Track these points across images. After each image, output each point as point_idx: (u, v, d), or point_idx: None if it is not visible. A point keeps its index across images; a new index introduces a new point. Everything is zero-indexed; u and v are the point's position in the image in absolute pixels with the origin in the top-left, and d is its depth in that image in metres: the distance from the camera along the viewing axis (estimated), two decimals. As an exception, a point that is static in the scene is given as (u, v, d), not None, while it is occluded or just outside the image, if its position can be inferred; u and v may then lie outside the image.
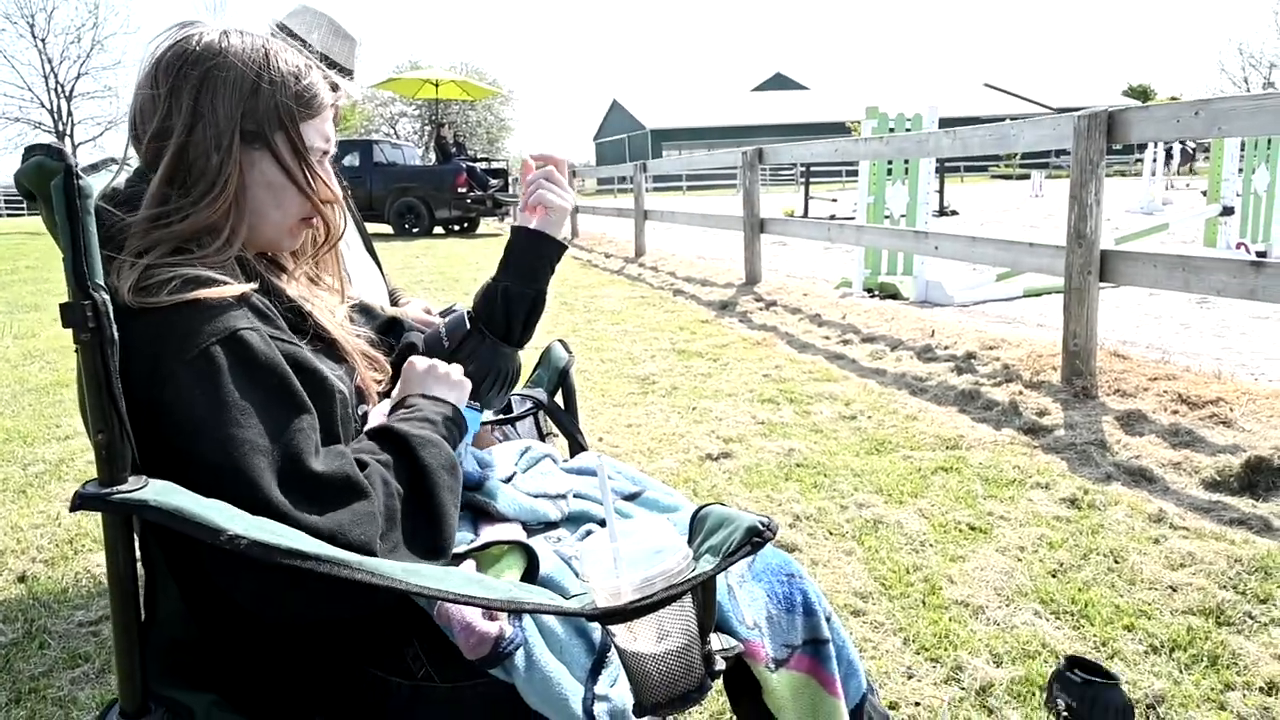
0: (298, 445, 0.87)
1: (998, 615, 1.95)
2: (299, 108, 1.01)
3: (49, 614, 2.08)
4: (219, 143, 0.95)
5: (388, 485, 0.92)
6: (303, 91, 1.01)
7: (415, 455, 0.95)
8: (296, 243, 1.09)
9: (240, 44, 0.99)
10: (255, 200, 1.00)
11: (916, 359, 4.32)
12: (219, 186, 0.95)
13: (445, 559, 0.94)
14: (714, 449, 3.15)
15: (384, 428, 1.00)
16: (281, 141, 0.99)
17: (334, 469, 0.88)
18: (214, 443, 0.83)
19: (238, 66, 0.97)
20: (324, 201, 1.06)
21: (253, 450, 0.84)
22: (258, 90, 0.97)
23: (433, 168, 16.87)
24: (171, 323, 0.86)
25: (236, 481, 0.82)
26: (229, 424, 0.84)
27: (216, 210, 0.95)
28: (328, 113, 1.06)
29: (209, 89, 0.95)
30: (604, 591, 0.78)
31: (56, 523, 2.64)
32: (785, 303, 6.15)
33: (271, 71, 0.98)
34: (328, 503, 0.86)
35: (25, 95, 36.34)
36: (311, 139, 1.03)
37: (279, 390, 0.89)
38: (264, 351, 0.89)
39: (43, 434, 3.61)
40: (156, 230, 0.92)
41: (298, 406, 0.89)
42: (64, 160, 0.75)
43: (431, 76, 18.94)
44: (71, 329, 0.76)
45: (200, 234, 0.95)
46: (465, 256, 11.56)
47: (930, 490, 2.70)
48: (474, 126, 46.33)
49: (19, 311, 7.07)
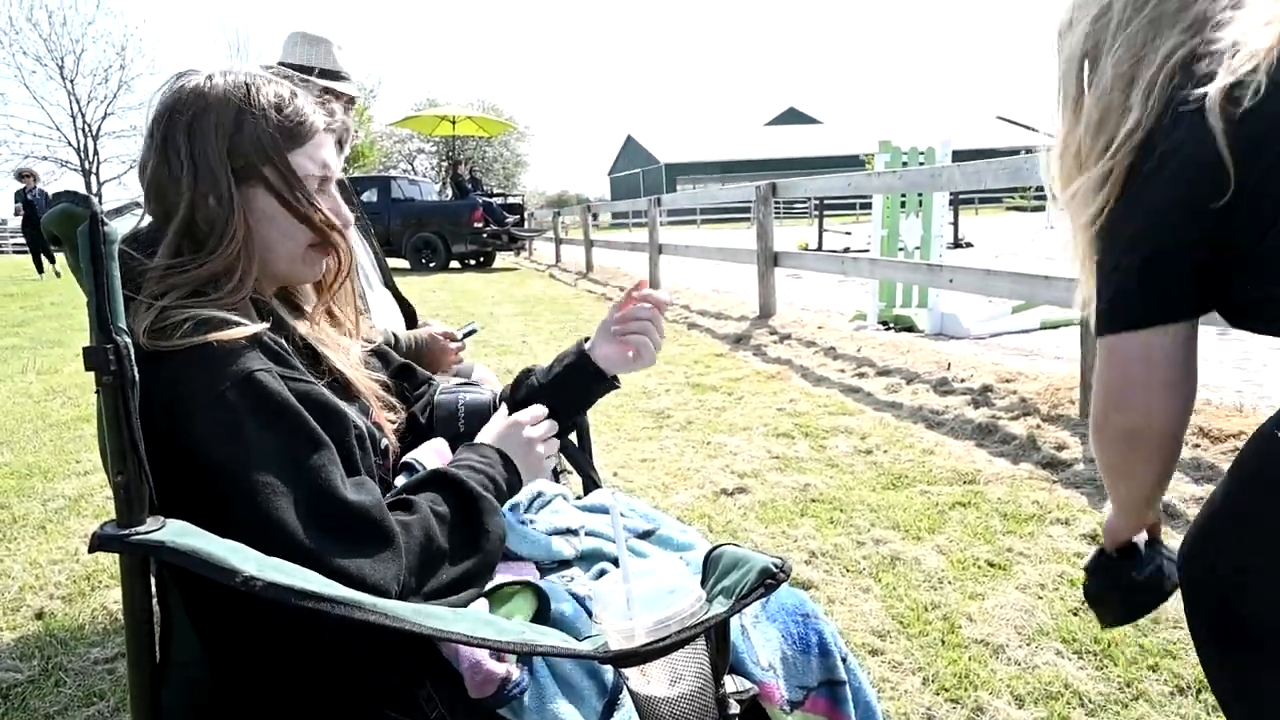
0: (321, 478, 0.88)
1: (1019, 655, 1.92)
2: (284, 136, 1.01)
3: (65, 651, 2.09)
4: (217, 190, 0.97)
5: (430, 536, 0.93)
6: (287, 120, 1.01)
7: (478, 518, 0.98)
8: (315, 273, 1.09)
9: (222, 83, 1.00)
10: (260, 236, 1.01)
11: (932, 392, 4.30)
12: (228, 235, 0.97)
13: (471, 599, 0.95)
14: (729, 484, 3.14)
15: (453, 479, 1.01)
16: (271, 173, 1.00)
17: (359, 501, 0.89)
18: (234, 485, 0.84)
19: (219, 107, 0.98)
20: (329, 228, 1.05)
21: (273, 492, 0.85)
22: (240, 126, 0.98)
23: (449, 203, 17.08)
24: (187, 367, 0.88)
25: (257, 523, 0.83)
26: (249, 467, 0.85)
27: (229, 256, 0.97)
28: (321, 138, 1.05)
29: (198, 134, 0.97)
30: (617, 633, 0.78)
31: (75, 559, 2.65)
32: (800, 336, 6.15)
33: (252, 105, 0.99)
34: (350, 539, 0.87)
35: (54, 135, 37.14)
36: (304, 166, 1.02)
37: (296, 429, 0.90)
38: (279, 392, 0.90)
39: (63, 469, 3.64)
40: (173, 277, 0.94)
41: (315, 443, 0.90)
42: (90, 207, 0.77)
43: (448, 114, 19.24)
44: (94, 371, 0.77)
45: (218, 278, 0.96)
46: (480, 291, 11.65)
47: (948, 526, 2.67)
48: (490, 162, 46.87)
49: (42, 347, 7.17)
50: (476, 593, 0.96)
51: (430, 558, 0.92)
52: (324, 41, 2.23)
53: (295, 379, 0.94)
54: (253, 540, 0.81)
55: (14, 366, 6.25)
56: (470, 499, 0.99)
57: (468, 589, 0.95)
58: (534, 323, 8.11)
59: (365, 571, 0.85)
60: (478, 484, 1.02)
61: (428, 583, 0.91)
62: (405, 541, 0.91)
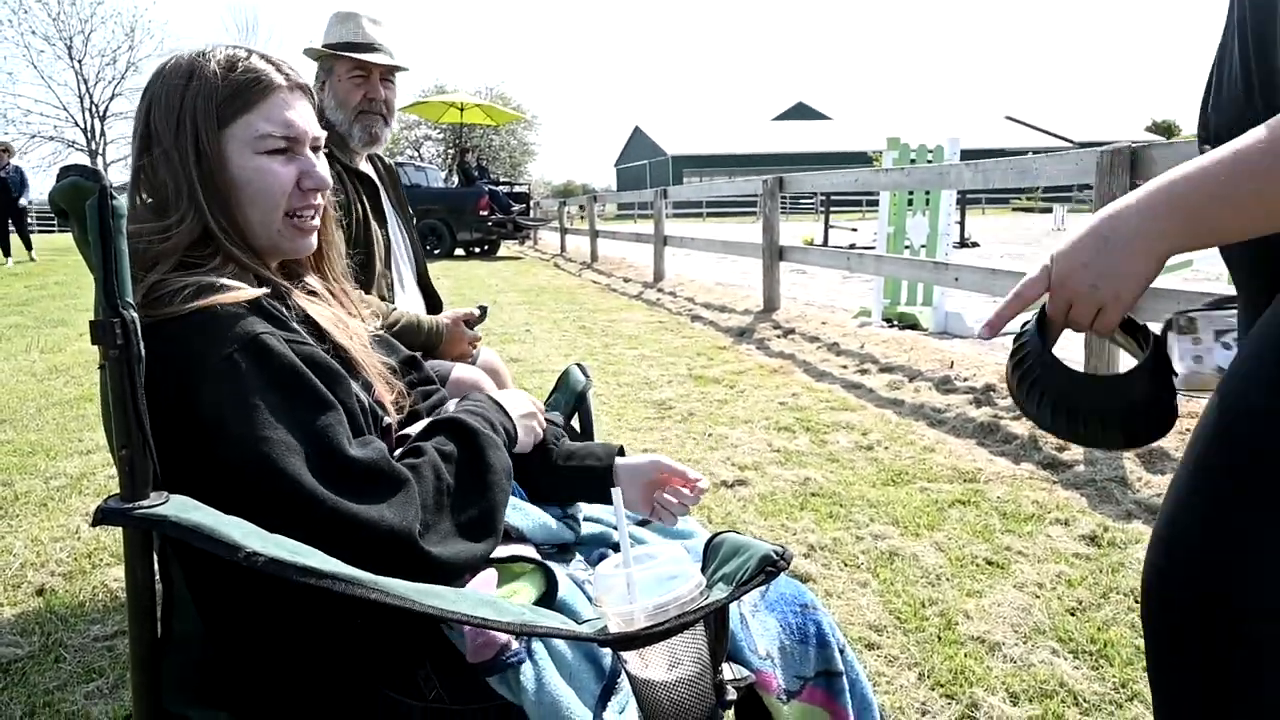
0: (329, 438, 0.89)
1: (1014, 652, 1.92)
2: (234, 101, 0.99)
3: (66, 628, 2.10)
4: (168, 159, 0.98)
5: (439, 475, 0.95)
6: (236, 81, 0.99)
7: (481, 452, 1.00)
8: (301, 245, 1.07)
9: (180, 59, 1.01)
10: (231, 203, 1.00)
11: (935, 390, 4.30)
12: (184, 202, 0.97)
13: (495, 540, 0.97)
14: (729, 476, 3.14)
15: (455, 419, 1.04)
16: (229, 140, 0.99)
17: (367, 456, 0.90)
18: (247, 447, 0.85)
19: (173, 79, 0.99)
20: (305, 189, 1.03)
21: (287, 450, 0.85)
22: (185, 96, 0.98)
23: (456, 190, 17.05)
24: (190, 332, 0.88)
25: (274, 482, 0.84)
26: (260, 426, 0.86)
27: (191, 224, 0.97)
28: (281, 95, 1.02)
29: (156, 109, 0.99)
30: (616, 617, 0.78)
31: (76, 536, 2.66)
32: (803, 331, 6.14)
33: (198, 76, 0.99)
34: (365, 489, 0.88)
35: (61, 115, 37.09)
36: (260, 127, 1.00)
37: (304, 390, 0.91)
38: (285, 354, 0.91)
39: (65, 448, 3.65)
40: (153, 248, 0.95)
41: (323, 403, 0.91)
42: (99, 181, 0.77)
43: (456, 101, 19.19)
44: (100, 345, 0.78)
45: (191, 248, 0.97)
46: (484, 279, 11.65)
47: (947, 523, 2.67)
48: (497, 150, 46.80)
49: (46, 326, 7.18)
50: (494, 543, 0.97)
51: (442, 494, 0.94)
52: (354, 16, 2.23)
53: (297, 341, 0.95)
54: (268, 500, 0.83)
55: (18, 345, 6.27)
56: (469, 434, 1.02)
57: (488, 524, 0.97)
58: (538, 311, 8.11)
59: (386, 516, 0.87)
60: (475, 421, 1.05)
61: (445, 519, 0.93)
62: (418, 483, 0.93)
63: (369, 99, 2.21)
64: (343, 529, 0.84)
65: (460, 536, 0.93)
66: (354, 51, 2.18)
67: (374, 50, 2.21)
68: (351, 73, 2.20)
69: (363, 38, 2.21)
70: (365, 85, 2.21)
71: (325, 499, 0.84)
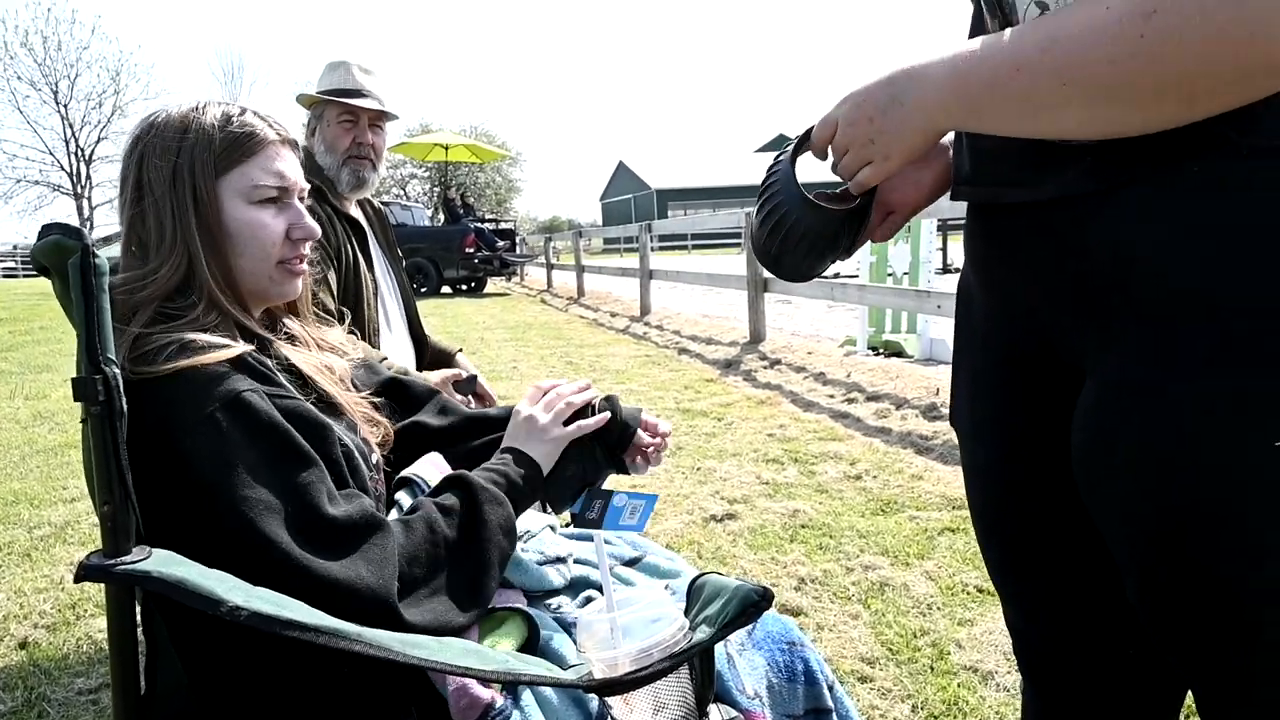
0: (309, 495, 0.89)
1: (1007, 681, 1.92)
2: (231, 153, 1.02)
3: (49, 681, 2.07)
4: (158, 209, 1.00)
5: (433, 531, 0.95)
6: (232, 135, 1.03)
7: (478, 509, 1.00)
8: (289, 290, 1.10)
9: (175, 111, 1.04)
10: (224, 250, 1.02)
11: (921, 417, 4.32)
12: (167, 249, 0.99)
13: (481, 610, 0.96)
14: (719, 510, 3.14)
15: (459, 475, 1.04)
16: (224, 190, 1.02)
17: (346, 514, 0.90)
18: (227, 505, 0.85)
19: (167, 132, 1.02)
20: (295, 239, 1.07)
21: (266, 509, 0.86)
22: (181, 148, 1.01)
23: (441, 229, 17.12)
24: (174, 391, 0.89)
25: (251, 540, 0.84)
26: (239, 485, 0.86)
27: (177, 270, 0.99)
28: (273, 149, 1.06)
29: (148, 159, 1.01)
30: (601, 662, 0.78)
31: (60, 587, 2.63)
32: (789, 361, 6.17)
33: (195, 129, 1.02)
34: (344, 547, 0.88)
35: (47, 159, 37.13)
36: (256, 178, 1.04)
37: (285, 447, 0.91)
38: (266, 411, 0.91)
39: (49, 496, 3.62)
40: (133, 296, 0.96)
41: (304, 459, 0.92)
42: (81, 239, 0.78)
43: (441, 140, 19.34)
44: (82, 402, 0.78)
45: (172, 295, 0.98)
46: (472, 316, 11.66)
47: (937, 551, 2.68)
48: (483, 188, 47.07)
49: (30, 372, 7.13)
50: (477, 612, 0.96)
51: (438, 547, 0.94)
52: (345, 64, 2.27)
53: (281, 396, 0.96)
54: (246, 558, 0.83)
55: (1, 391, 6.22)
56: (470, 491, 1.02)
57: (476, 583, 0.96)
58: (524, 348, 8.11)
59: (363, 575, 0.86)
60: (484, 479, 1.04)
61: (435, 574, 0.93)
62: (407, 538, 0.93)
63: (357, 143, 2.24)
64: (317, 590, 0.84)
65: (445, 594, 0.92)
66: (343, 97, 2.22)
67: (362, 96, 2.24)
68: (341, 118, 2.24)
69: (352, 84, 2.25)
70: (354, 130, 2.24)
71: (299, 560, 0.84)
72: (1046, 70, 0.64)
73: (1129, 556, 0.75)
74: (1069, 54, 0.63)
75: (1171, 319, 0.67)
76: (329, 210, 2.16)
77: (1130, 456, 0.71)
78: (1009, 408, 0.89)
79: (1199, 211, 0.66)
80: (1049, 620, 0.95)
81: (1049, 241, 0.75)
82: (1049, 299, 0.77)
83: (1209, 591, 0.70)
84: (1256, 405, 0.65)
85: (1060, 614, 0.93)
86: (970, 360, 0.95)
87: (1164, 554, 0.72)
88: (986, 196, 0.83)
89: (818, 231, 0.90)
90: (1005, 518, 0.94)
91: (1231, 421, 0.65)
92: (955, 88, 0.72)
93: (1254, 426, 0.64)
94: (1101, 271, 0.71)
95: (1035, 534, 0.91)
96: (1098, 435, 0.74)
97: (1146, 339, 0.69)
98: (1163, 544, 0.71)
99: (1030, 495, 0.89)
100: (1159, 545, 0.72)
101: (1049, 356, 0.81)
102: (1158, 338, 0.68)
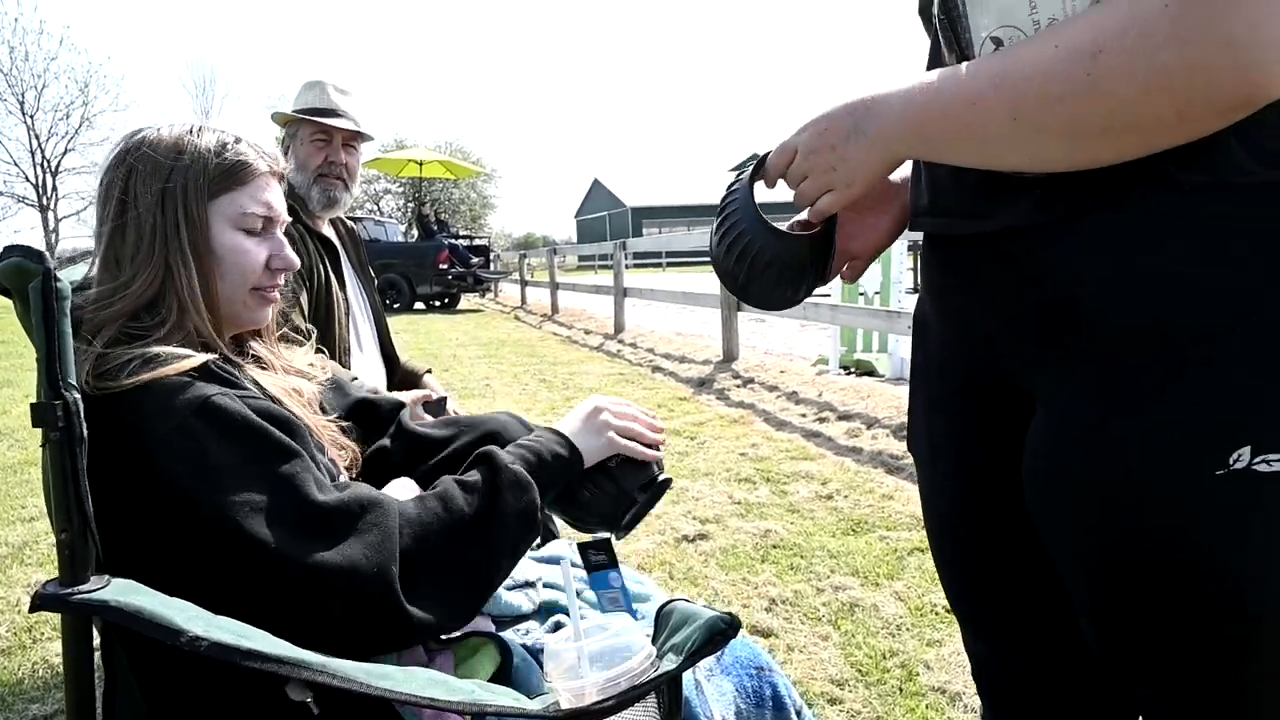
0: (295, 486, 0.88)
1: (974, 703, 1.93)
2: (224, 179, 1.04)
3: (3, 708, 2.01)
4: (140, 224, 0.99)
5: (447, 508, 0.93)
6: (226, 161, 1.04)
7: (497, 490, 0.97)
8: (259, 317, 1.10)
9: (167, 132, 1.04)
10: (199, 273, 1.02)
11: (892, 437, 4.35)
12: (143, 260, 0.99)
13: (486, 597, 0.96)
14: (690, 530, 3.14)
15: (486, 453, 1.02)
16: (213, 214, 1.03)
17: (340, 497, 0.90)
18: (209, 511, 0.84)
19: (159, 151, 1.02)
20: (273, 269, 1.08)
21: (251, 511, 0.85)
22: (174, 170, 1.01)
23: (415, 244, 17.05)
24: (141, 403, 0.88)
25: (240, 544, 0.83)
26: (220, 490, 0.85)
27: (150, 285, 0.98)
28: (264, 179, 1.08)
29: (136, 175, 1.00)
30: (567, 692, 0.78)
31: (16, 610, 2.57)
32: (763, 380, 6.20)
33: (190, 151, 1.02)
34: (341, 533, 0.87)
35: (11, 170, 36.49)
36: (245, 205, 1.05)
37: (263, 443, 0.90)
38: (239, 411, 0.90)
39: (7, 515, 3.54)
40: (101, 313, 0.96)
41: (286, 452, 0.91)
42: (43, 263, 0.78)
43: (416, 156, 19.31)
44: (42, 427, 0.77)
45: (139, 312, 0.98)
46: (445, 333, 11.60)
47: (906, 572, 2.69)
48: (457, 204, 46.95)
49: (-10, 388, 6.98)
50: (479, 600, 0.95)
51: (447, 527, 0.92)
52: (320, 84, 2.28)
53: (251, 397, 0.95)
54: (238, 564, 0.82)
55: (-40, 408, 6.08)
56: (494, 468, 0.99)
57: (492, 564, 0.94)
58: (498, 365, 8.08)
59: (359, 560, 0.85)
60: (510, 457, 1.02)
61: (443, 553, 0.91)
62: (418, 513, 0.92)
63: (329, 162, 2.24)
64: (315, 582, 0.83)
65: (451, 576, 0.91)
66: (318, 116, 2.22)
67: (337, 115, 2.24)
68: (314, 136, 2.24)
69: (327, 103, 2.25)
70: (326, 149, 2.24)
71: (293, 557, 0.83)
72: (998, 105, 0.66)
73: (1077, 588, 0.77)
74: (1019, 90, 0.65)
75: (1115, 354, 0.69)
76: (301, 229, 2.15)
77: (1075, 492, 0.72)
78: (966, 435, 0.90)
79: (1140, 247, 0.67)
80: (1009, 647, 0.96)
81: (1009, 270, 0.76)
82: (1009, 327, 0.79)
83: (1152, 627, 0.71)
84: (1195, 437, 0.66)
85: (1020, 641, 0.94)
86: (927, 387, 0.96)
87: (1108, 589, 0.73)
88: (943, 227, 0.84)
89: (785, 260, 0.91)
90: (964, 545, 0.94)
91: (1173, 455, 0.67)
92: (912, 119, 0.73)
93: (1196, 458, 0.66)
94: (1055, 302, 0.73)
95: (994, 562, 0.92)
96: (1049, 467, 0.75)
97: (1091, 373, 0.71)
98: (1107, 579, 0.72)
99: (988, 523, 0.90)
100: (1103, 580, 0.73)
101: (1006, 385, 0.83)
102: (1101, 372, 0.70)
